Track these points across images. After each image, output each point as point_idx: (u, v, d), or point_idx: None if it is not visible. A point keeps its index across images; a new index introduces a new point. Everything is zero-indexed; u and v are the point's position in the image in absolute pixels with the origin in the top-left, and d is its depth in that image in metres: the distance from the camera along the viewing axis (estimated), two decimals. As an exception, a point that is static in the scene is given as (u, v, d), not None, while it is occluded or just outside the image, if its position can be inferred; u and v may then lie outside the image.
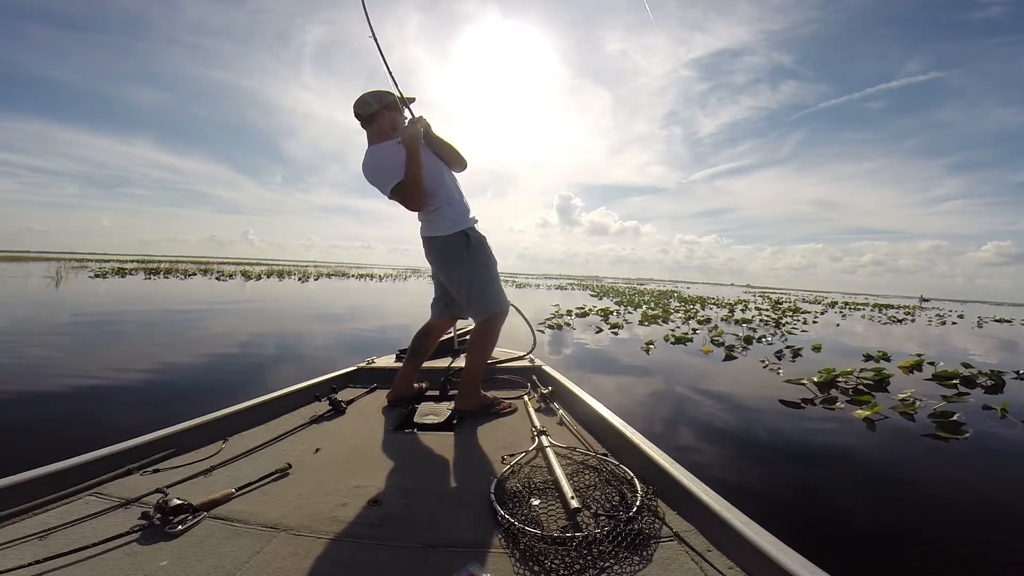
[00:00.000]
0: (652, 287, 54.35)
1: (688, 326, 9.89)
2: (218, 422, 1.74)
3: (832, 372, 4.96)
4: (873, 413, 3.66)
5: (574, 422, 1.94)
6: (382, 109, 1.94)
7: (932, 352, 7.86)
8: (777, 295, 43.58)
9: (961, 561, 1.86)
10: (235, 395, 1.84)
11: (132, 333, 6.28)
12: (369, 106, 1.93)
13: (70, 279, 16.92)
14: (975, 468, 2.87)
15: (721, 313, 14.13)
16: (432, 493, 1.38)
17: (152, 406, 3.22)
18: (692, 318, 11.77)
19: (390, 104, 1.96)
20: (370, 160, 1.91)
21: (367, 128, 1.97)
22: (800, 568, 0.91)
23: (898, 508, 2.28)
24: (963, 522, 2.18)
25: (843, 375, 4.99)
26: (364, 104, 1.93)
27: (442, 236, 1.99)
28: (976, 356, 7.93)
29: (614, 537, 1.10)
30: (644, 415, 3.56)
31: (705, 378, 5.01)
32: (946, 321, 17.99)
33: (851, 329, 12.38)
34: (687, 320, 11.28)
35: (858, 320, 16.03)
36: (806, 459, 2.91)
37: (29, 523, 1.13)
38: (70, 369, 4.11)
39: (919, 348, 8.58)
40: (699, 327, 9.85)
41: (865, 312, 21.70)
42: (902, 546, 1.94)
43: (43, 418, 2.91)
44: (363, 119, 1.96)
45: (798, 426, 3.50)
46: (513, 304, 3.18)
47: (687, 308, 15.25)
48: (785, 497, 2.37)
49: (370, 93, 1.94)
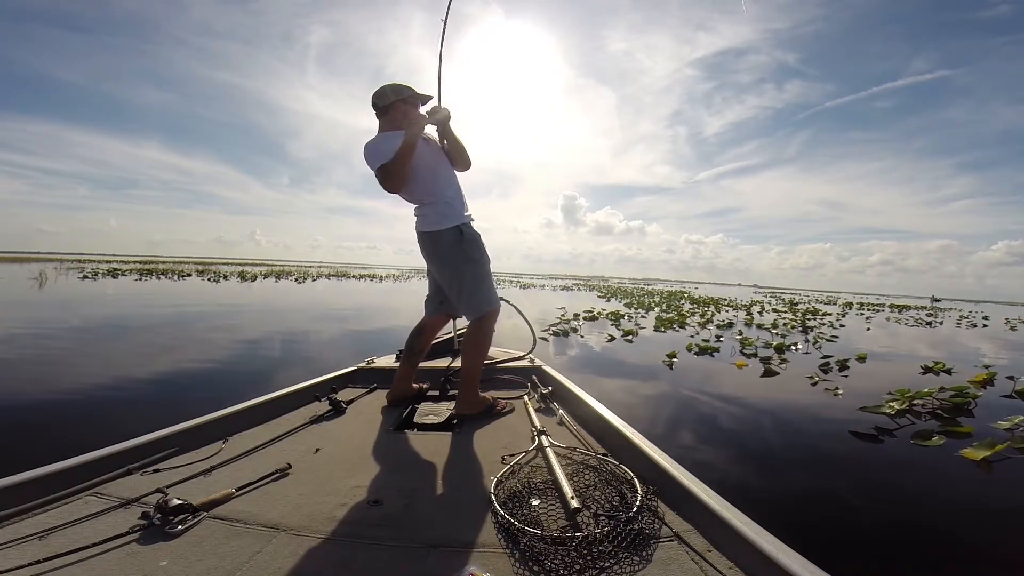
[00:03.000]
0: (660, 287, 53.22)
1: (708, 332, 9.04)
2: (218, 422, 1.75)
3: (907, 393, 3.99)
4: (992, 453, 2.77)
5: (574, 422, 1.94)
6: (398, 102, 1.98)
7: (988, 360, 7.11)
8: (788, 295, 42.61)
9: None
10: (191, 413, 1.70)
11: (93, 340, 5.76)
12: (386, 97, 1.98)
13: (59, 280, 16.39)
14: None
15: (739, 316, 13.26)
16: (432, 493, 1.39)
17: (90, 422, 2.89)
18: (709, 322, 10.93)
19: (407, 98, 1.99)
20: (372, 144, 1.94)
21: (380, 119, 2.01)
22: (800, 568, 0.91)
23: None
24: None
25: (921, 396, 4.05)
26: (382, 95, 1.98)
27: (435, 231, 2.00)
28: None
29: (614, 537, 1.09)
30: (696, 457, 2.78)
31: (749, 401, 4.14)
32: (976, 324, 16.80)
33: (883, 333, 11.47)
34: (704, 324, 10.38)
35: (883, 323, 14.91)
36: (920, 525, 2.11)
37: (29, 523, 1.13)
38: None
39: (968, 355, 7.89)
40: (721, 333, 8.98)
41: (886, 314, 20.55)
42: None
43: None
44: (378, 109, 2.01)
45: (892, 472, 2.72)
46: (513, 304, 3.18)
47: (702, 311, 14.35)
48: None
49: (389, 85, 1.99)
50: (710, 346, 6.78)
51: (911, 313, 22.00)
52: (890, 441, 3.17)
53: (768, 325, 10.76)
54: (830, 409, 3.94)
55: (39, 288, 13.09)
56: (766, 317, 13.28)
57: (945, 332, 12.88)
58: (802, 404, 4.14)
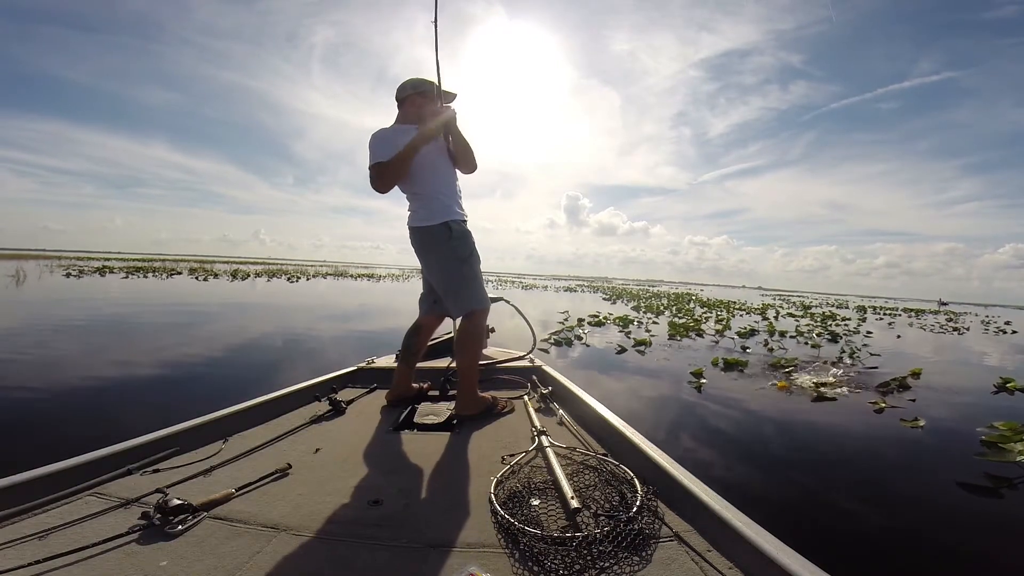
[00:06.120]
0: (665, 289, 52.04)
1: (730, 341, 8.30)
2: (218, 422, 1.75)
3: (1016, 426, 3.20)
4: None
5: (574, 422, 1.94)
6: (414, 95, 2.01)
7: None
8: (796, 298, 41.12)
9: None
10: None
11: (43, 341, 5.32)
12: (404, 90, 2.02)
13: (42, 278, 15.92)
14: None
15: (756, 321, 12.45)
16: (432, 493, 1.38)
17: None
18: (727, 328, 10.05)
19: (424, 92, 2.02)
20: (378, 136, 1.93)
21: (399, 112, 2.05)
22: (800, 568, 0.90)
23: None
24: None
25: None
26: (401, 88, 2.02)
27: (424, 226, 2.00)
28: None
29: (614, 537, 1.09)
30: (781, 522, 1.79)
31: (807, 437, 3.32)
32: (1004, 330, 15.97)
33: (916, 341, 10.66)
34: (722, 332, 9.48)
35: (907, 329, 14.12)
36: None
37: (29, 523, 1.13)
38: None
39: (1016, 364, 7.35)
40: (744, 342, 8.15)
41: (904, 318, 19.72)
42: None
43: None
44: (397, 102, 2.05)
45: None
46: (513, 304, 3.18)
47: (716, 315, 13.64)
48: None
49: (413, 79, 2.03)
50: (738, 359, 6.04)
51: (929, 318, 21.28)
52: (1010, 495, 2.39)
53: (792, 332, 10.02)
54: (918, 449, 3.15)
55: (15, 287, 12.65)
56: (784, 322, 12.63)
57: (977, 340, 12.09)
58: (880, 442, 3.30)
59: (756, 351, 7.23)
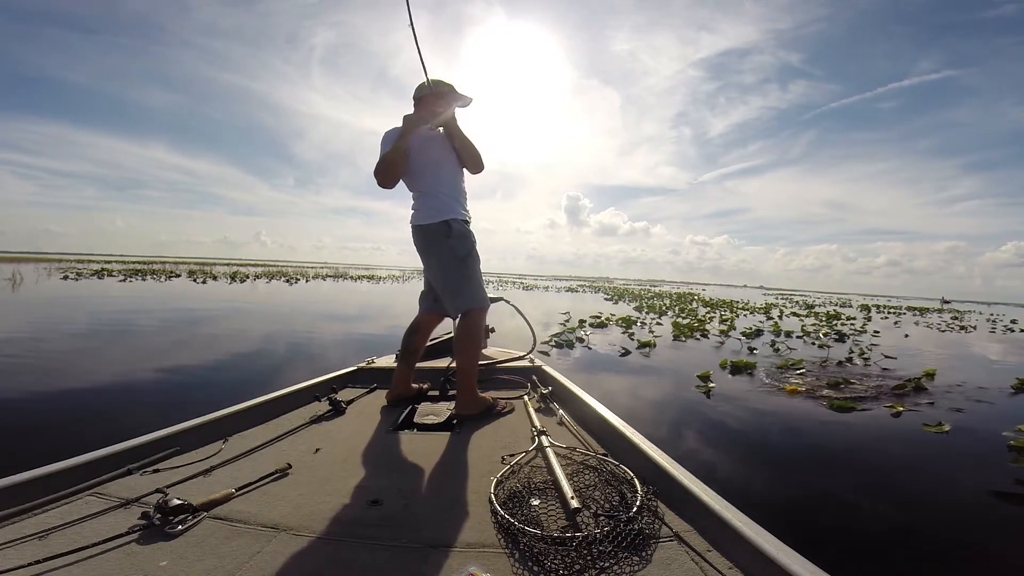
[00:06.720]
0: (666, 289, 51.72)
1: (736, 342, 8.11)
2: (218, 422, 1.75)
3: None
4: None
5: (574, 422, 1.94)
6: (430, 96, 2.04)
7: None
8: (798, 297, 41.37)
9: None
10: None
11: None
12: (421, 90, 2.05)
13: (39, 282, 15.85)
14: None
15: (761, 321, 12.22)
16: (432, 493, 1.38)
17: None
18: (732, 328, 9.81)
19: (441, 93, 2.05)
20: (386, 134, 2.01)
21: (414, 111, 2.08)
22: (800, 568, 0.90)
23: None
24: None
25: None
26: (419, 88, 2.05)
27: (425, 224, 2.02)
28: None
29: (614, 537, 1.09)
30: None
31: (833, 452, 3.08)
32: (1012, 328, 15.67)
33: (924, 341, 10.35)
34: (727, 332, 9.26)
35: (913, 327, 13.84)
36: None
37: (29, 523, 1.13)
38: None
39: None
40: (750, 342, 8.01)
41: (909, 317, 19.55)
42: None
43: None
44: (414, 101, 2.09)
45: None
46: (513, 304, 3.19)
47: (720, 315, 13.43)
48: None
49: (433, 79, 2.05)
50: (745, 361, 5.88)
51: (934, 316, 21.15)
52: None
53: (798, 332, 9.80)
54: (946, 456, 2.99)
55: (11, 291, 12.56)
56: (789, 322, 12.44)
57: (986, 339, 11.89)
58: (904, 449, 3.11)
59: (763, 352, 7.12)
